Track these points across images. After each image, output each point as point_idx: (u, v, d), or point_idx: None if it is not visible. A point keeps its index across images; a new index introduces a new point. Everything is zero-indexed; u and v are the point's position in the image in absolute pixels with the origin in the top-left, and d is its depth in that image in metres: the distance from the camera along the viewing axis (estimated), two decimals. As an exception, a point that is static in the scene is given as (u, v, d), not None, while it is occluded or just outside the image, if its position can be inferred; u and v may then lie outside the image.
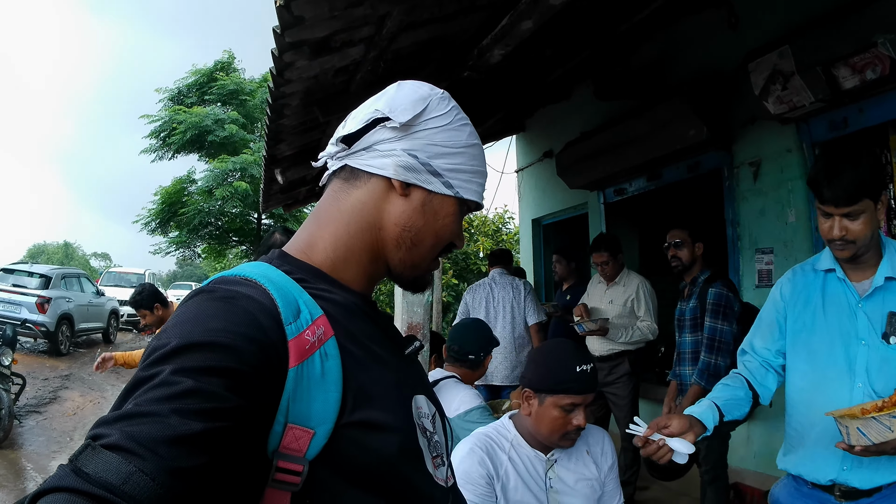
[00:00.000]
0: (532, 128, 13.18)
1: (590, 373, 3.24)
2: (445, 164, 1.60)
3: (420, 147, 1.58)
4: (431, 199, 1.62)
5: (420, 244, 1.63)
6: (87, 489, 1.00)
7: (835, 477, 3.24)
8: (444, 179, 1.60)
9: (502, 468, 3.21)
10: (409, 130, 1.57)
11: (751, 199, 7.48)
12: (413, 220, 1.61)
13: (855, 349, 3.26)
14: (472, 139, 1.66)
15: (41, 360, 19.56)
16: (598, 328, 7.48)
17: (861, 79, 5.50)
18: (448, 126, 1.60)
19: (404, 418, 1.51)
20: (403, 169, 1.57)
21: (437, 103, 1.61)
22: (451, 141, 1.60)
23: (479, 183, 1.69)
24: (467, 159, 1.64)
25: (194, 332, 1.25)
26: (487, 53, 4.84)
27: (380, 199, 1.61)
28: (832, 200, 3.10)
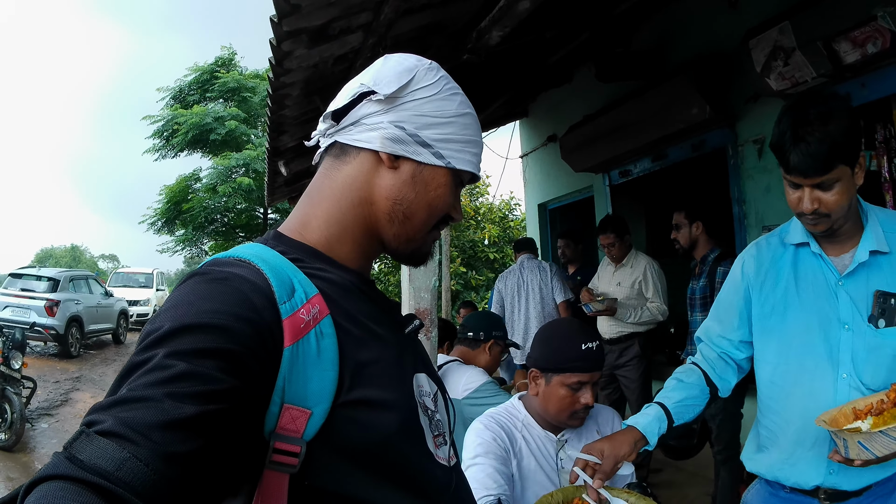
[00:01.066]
0: (535, 113, 13.15)
1: (596, 350, 3.21)
2: (434, 135, 1.58)
3: (407, 118, 1.56)
4: (421, 171, 1.60)
5: (412, 217, 1.62)
6: (81, 476, 1.00)
7: (821, 482, 2.87)
8: (433, 150, 1.58)
9: (517, 445, 3.21)
10: (394, 102, 1.57)
11: (756, 176, 7.45)
12: (403, 192, 1.59)
13: (837, 335, 2.83)
14: (463, 108, 1.63)
15: (52, 363, 19.61)
16: (605, 308, 7.48)
17: (862, 53, 5.47)
18: (436, 96, 1.58)
19: (404, 396, 1.51)
20: (391, 141, 1.56)
21: (424, 74, 1.60)
22: (440, 111, 1.58)
23: (473, 153, 1.67)
24: (458, 129, 1.61)
25: (187, 314, 1.25)
26: (486, 35, 4.82)
27: (369, 174, 1.60)
28: (800, 169, 2.65)
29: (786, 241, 3.07)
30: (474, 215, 26.12)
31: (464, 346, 5.16)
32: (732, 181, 7.82)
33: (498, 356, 5.15)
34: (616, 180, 10.43)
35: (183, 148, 29.72)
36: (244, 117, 29.87)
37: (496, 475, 2.93)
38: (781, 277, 3.01)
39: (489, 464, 2.98)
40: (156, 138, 30.24)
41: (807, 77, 5.97)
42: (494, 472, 2.94)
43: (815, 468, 2.85)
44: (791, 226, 3.06)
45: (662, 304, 7.53)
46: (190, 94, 30.87)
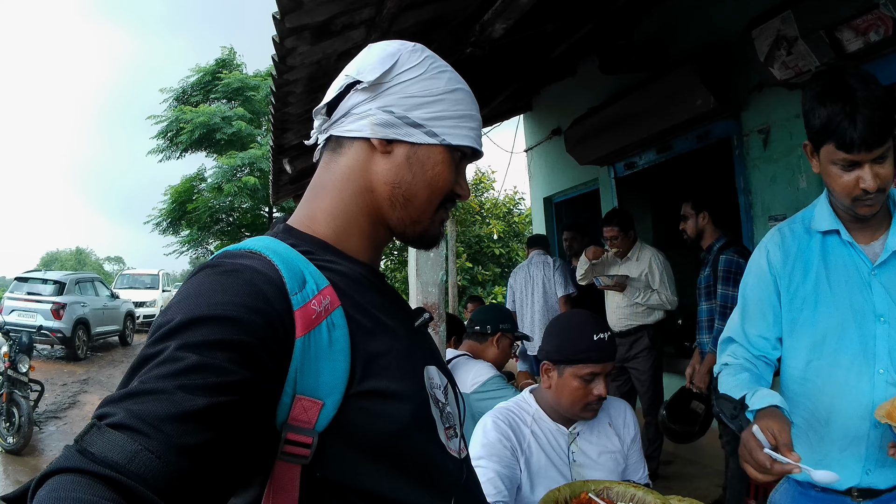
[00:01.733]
0: (539, 106, 13.13)
1: (607, 341, 3.21)
2: (425, 114, 1.58)
3: (395, 102, 1.57)
4: (416, 152, 1.60)
5: (414, 199, 1.62)
6: (92, 469, 1.00)
7: (857, 482, 2.71)
8: (425, 129, 1.58)
9: (525, 442, 3.19)
10: (380, 88, 1.57)
11: (761, 166, 7.44)
12: (400, 175, 1.60)
13: (872, 328, 2.64)
14: (453, 85, 1.64)
15: (59, 366, 19.66)
16: (614, 283, 7.50)
17: (865, 41, 5.46)
18: (423, 76, 1.59)
19: (416, 387, 1.51)
20: (381, 126, 1.57)
21: (409, 56, 1.61)
22: (428, 90, 1.59)
23: (470, 127, 1.66)
24: (449, 105, 1.61)
25: (198, 306, 1.25)
26: (489, 28, 4.82)
27: (365, 162, 1.61)
28: (867, 142, 2.37)
29: (812, 227, 2.86)
30: (479, 210, 26.11)
31: (472, 340, 5.17)
32: (738, 171, 7.80)
33: (507, 348, 5.15)
34: (621, 172, 10.40)
35: (187, 147, 29.77)
36: (249, 117, 29.91)
37: (497, 480, 2.93)
38: (811, 268, 2.81)
39: (491, 468, 2.98)
40: (160, 139, 30.30)
41: (810, 66, 5.95)
42: (496, 478, 2.94)
43: (851, 469, 2.70)
44: (816, 212, 2.85)
45: (670, 293, 7.54)
46: (193, 95, 30.92)
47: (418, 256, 5.24)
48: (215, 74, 30.59)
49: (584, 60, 10.65)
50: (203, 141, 29.14)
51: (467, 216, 25.26)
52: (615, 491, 2.58)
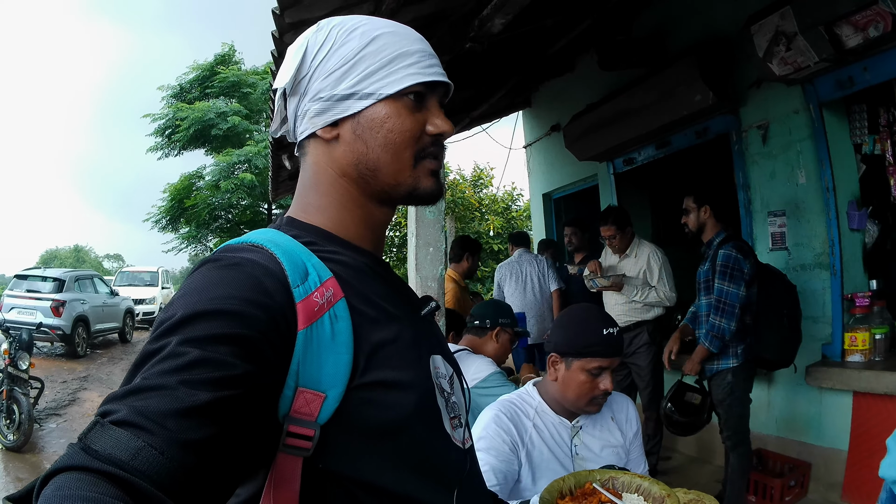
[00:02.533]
0: (538, 102, 13.11)
1: (616, 335, 3.24)
2: (352, 81, 1.54)
3: (319, 87, 1.56)
4: (359, 120, 1.56)
5: (379, 166, 1.57)
6: (96, 466, 1.00)
7: None
8: (357, 95, 1.54)
9: (527, 435, 3.19)
10: (302, 84, 1.58)
11: (760, 161, 7.46)
12: (357, 150, 1.57)
13: None
14: (369, 36, 1.57)
15: (59, 364, 19.60)
16: (611, 284, 7.51)
17: (864, 37, 5.46)
18: (334, 47, 1.56)
19: (421, 377, 1.51)
20: (318, 116, 1.57)
21: (315, 37, 1.59)
22: (343, 57, 1.55)
23: (405, 65, 1.56)
24: (371, 58, 1.55)
25: (200, 301, 1.25)
26: (488, 23, 4.81)
27: (324, 154, 1.61)
28: None
29: None
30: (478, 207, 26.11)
31: (471, 334, 5.18)
32: (737, 167, 7.82)
33: (507, 343, 5.16)
34: (620, 168, 10.41)
35: (185, 144, 29.72)
36: (246, 113, 29.87)
37: (490, 474, 2.93)
38: None
39: (487, 461, 2.98)
40: (158, 136, 30.25)
41: (809, 62, 5.97)
42: (489, 471, 2.94)
43: None
44: None
45: (669, 290, 7.54)
46: (191, 92, 30.86)
47: (417, 251, 5.26)
48: (213, 70, 30.57)
49: (583, 56, 10.65)
50: (199, 137, 29.08)
51: (466, 212, 25.26)
52: (620, 481, 2.56)
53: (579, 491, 2.51)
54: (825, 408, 6.67)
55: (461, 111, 9.85)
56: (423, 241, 5.30)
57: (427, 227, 5.32)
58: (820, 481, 6.67)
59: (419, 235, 5.29)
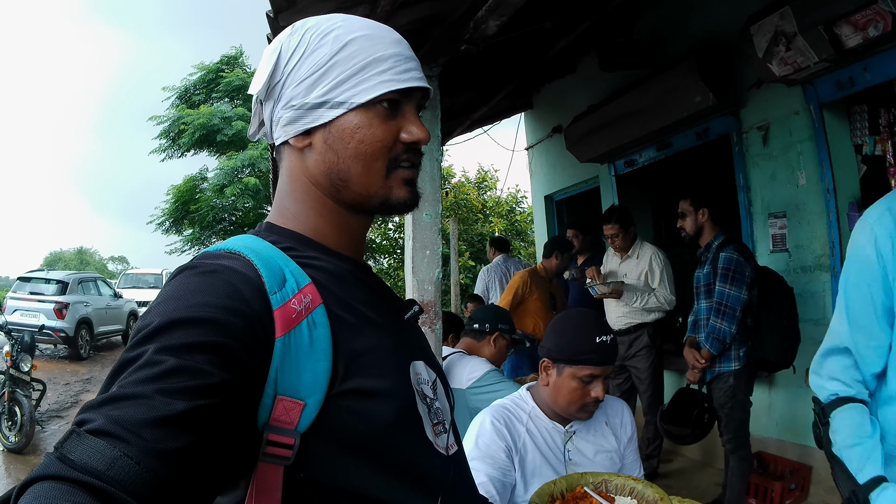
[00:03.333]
0: (539, 104, 13.13)
1: (609, 343, 3.19)
2: (323, 89, 1.51)
3: (291, 94, 1.53)
4: (330, 131, 1.53)
5: (350, 176, 1.54)
6: (72, 476, 0.99)
7: None
8: (329, 104, 1.51)
9: (520, 440, 3.17)
10: (275, 91, 1.56)
11: (761, 163, 7.44)
12: (328, 161, 1.54)
13: None
14: (341, 41, 1.53)
15: (62, 366, 19.70)
16: (610, 291, 7.50)
17: (864, 36, 5.44)
18: (306, 53, 1.53)
19: (401, 384, 1.49)
20: (290, 125, 1.55)
21: (288, 41, 1.56)
22: (316, 63, 1.52)
23: (377, 72, 1.52)
24: (343, 65, 1.51)
25: (177, 308, 1.23)
26: (483, 25, 4.79)
27: (297, 162, 1.59)
28: None
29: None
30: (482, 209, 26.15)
31: (469, 337, 5.21)
32: (737, 168, 7.81)
33: (504, 349, 5.18)
34: (621, 170, 10.42)
35: (189, 148, 29.68)
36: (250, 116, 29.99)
37: (488, 485, 2.93)
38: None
39: (483, 471, 2.98)
40: (162, 139, 30.25)
41: (809, 62, 5.95)
42: (487, 482, 2.93)
43: None
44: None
45: (669, 293, 7.53)
46: (196, 94, 30.86)
47: (414, 254, 5.25)
48: (219, 72, 30.60)
49: (584, 58, 10.69)
50: (204, 141, 29.11)
51: (469, 215, 25.31)
52: (614, 484, 2.55)
53: (570, 495, 2.49)
54: (826, 411, 6.58)
55: (462, 113, 9.86)
56: (419, 245, 5.29)
57: (424, 230, 5.30)
58: (821, 485, 6.65)
59: (416, 239, 5.28)
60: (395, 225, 26.59)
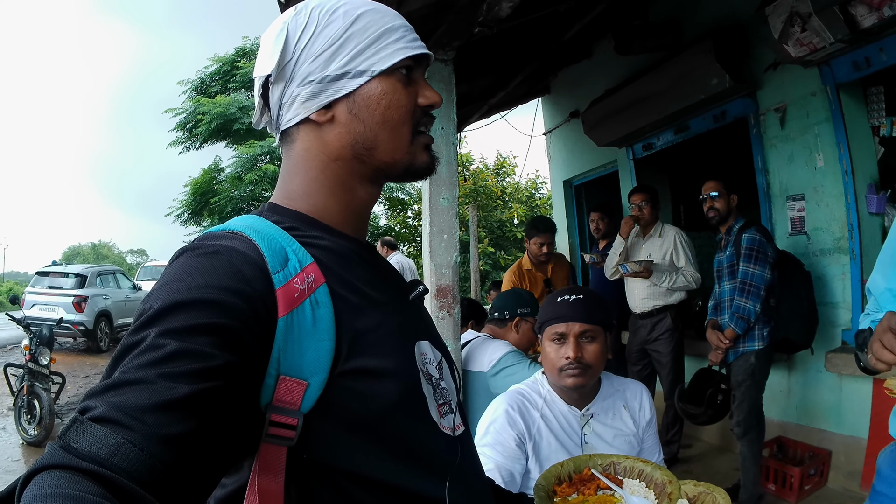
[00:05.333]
0: (557, 89, 13.07)
1: (572, 301, 3.20)
2: (342, 61, 1.52)
3: (308, 70, 1.53)
4: (355, 100, 1.54)
5: (377, 144, 1.56)
6: (76, 464, 0.99)
7: None
8: (350, 74, 1.53)
9: (534, 426, 3.16)
10: (287, 69, 1.55)
11: (779, 145, 7.40)
12: (353, 131, 1.55)
13: None
14: (352, 15, 1.55)
15: (82, 359, 19.69)
16: (642, 269, 7.46)
17: (879, 16, 5.38)
18: (318, 29, 1.53)
19: (405, 364, 1.49)
20: (310, 100, 1.54)
21: (295, 21, 1.56)
22: (331, 37, 1.53)
23: (392, 41, 1.56)
24: (359, 36, 1.54)
25: (178, 291, 1.23)
26: (496, 7, 4.78)
27: (315, 139, 1.58)
28: None
29: None
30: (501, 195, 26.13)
31: (492, 325, 5.20)
32: (755, 151, 7.76)
33: (528, 332, 5.15)
34: (639, 154, 10.37)
35: (207, 138, 29.68)
36: (267, 106, 29.92)
37: (495, 472, 2.91)
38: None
39: (493, 458, 2.99)
40: (179, 130, 30.28)
41: (825, 42, 5.91)
42: (494, 469, 2.93)
43: None
44: None
45: (695, 271, 7.52)
46: (212, 86, 30.88)
47: (431, 238, 5.25)
48: (234, 64, 30.59)
49: (600, 42, 10.63)
50: (221, 131, 29.12)
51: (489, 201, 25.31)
52: (622, 466, 2.52)
53: (577, 476, 2.47)
54: (845, 395, 6.62)
55: (479, 99, 9.85)
56: (437, 229, 5.29)
57: (441, 214, 5.31)
58: (840, 470, 6.63)
59: (433, 223, 5.28)
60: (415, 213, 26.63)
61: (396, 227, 26.89)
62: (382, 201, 27.04)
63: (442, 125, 5.25)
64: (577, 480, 2.43)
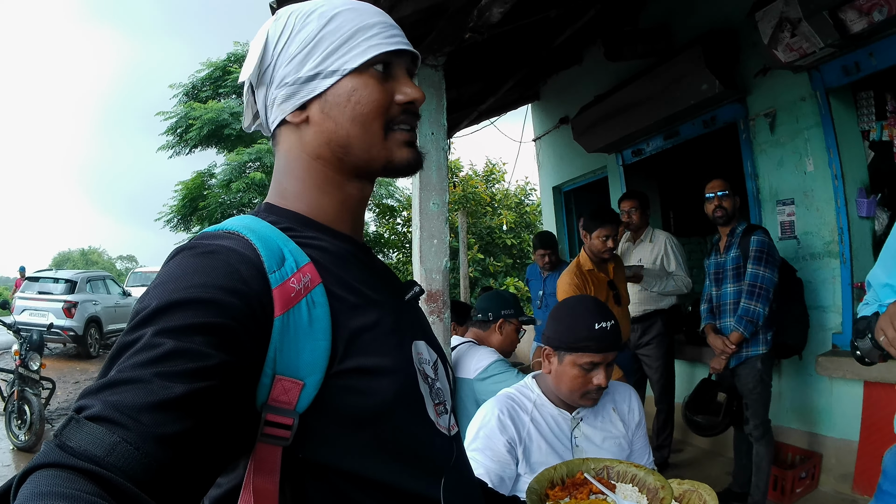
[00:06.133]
0: (546, 95, 13.10)
1: (609, 330, 3.14)
2: (315, 62, 1.53)
3: (284, 73, 1.55)
4: (326, 99, 1.54)
5: (350, 141, 1.55)
6: (72, 463, 0.98)
7: None
8: (322, 74, 1.53)
9: (525, 430, 3.15)
10: (267, 74, 1.58)
11: (768, 150, 7.43)
12: (327, 130, 1.55)
13: None
14: (327, 16, 1.56)
15: (72, 364, 19.69)
16: (631, 275, 7.44)
17: (868, 21, 5.40)
18: (293, 33, 1.55)
19: (402, 362, 1.49)
20: (285, 102, 1.56)
21: (275, 26, 1.57)
22: (304, 40, 1.54)
23: (366, 38, 1.55)
24: (331, 36, 1.54)
25: (175, 290, 1.23)
26: (487, 13, 4.80)
27: (295, 140, 1.59)
28: None
29: None
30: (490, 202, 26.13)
31: (475, 328, 5.19)
32: (745, 156, 7.79)
33: (512, 334, 5.16)
34: (629, 159, 10.39)
35: (197, 144, 29.68)
36: (258, 112, 29.94)
37: (484, 476, 2.91)
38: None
39: (482, 463, 2.99)
40: (169, 135, 30.27)
41: (814, 48, 5.93)
42: (484, 474, 2.93)
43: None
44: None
45: (686, 275, 7.54)
46: (203, 91, 30.88)
47: (421, 244, 5.26)
48: (226, 69, 30.59)
49: (590, 48, 10.66)
50: (212, 137, 29.12)
51: (478, 207, 25.28)
52: (615, 470, 2.52)
53: (570, 480, 2.46)
54: (836, 398, 6.64)
55: (469, 105, 9.84)
56: (427, 234, 5.30)
57: (431, 219, 5.31)
58: (831, 473, 6.63)
59: (423, 228, 5.29)
60: (404, 220, 26.61)
61: (386, 234, 26.86)
62: (372, 208, 27.00)
63: (432, 130, 5.26)
64: (569, 484, 2.43)
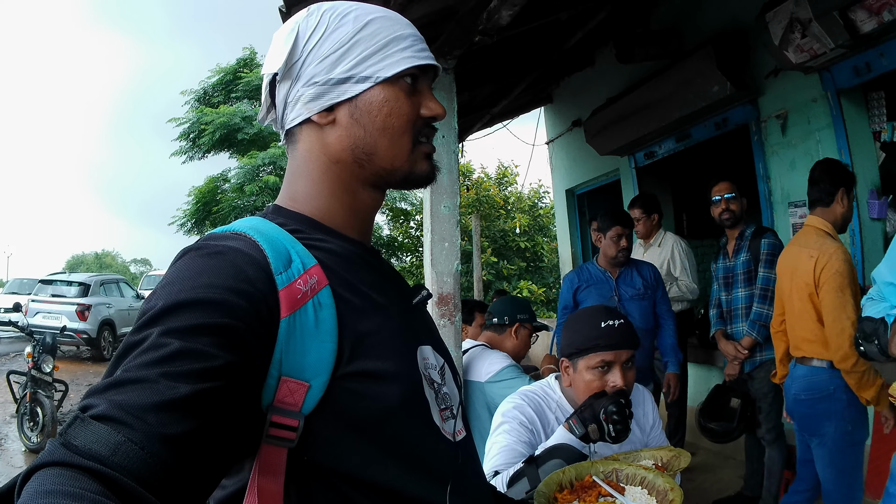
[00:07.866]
0: (559, 98, 13.10)
1: (618, 327, 3.07)
2: (348, 65, 1.52)
3: (314, 71, 1.53)
4: (357, 105, 1.53)
5: (376, 150, 1.55)
6: (77, 462, 0.98)
7: None
8: (355, 79, 1.52)
9: (549, 427, 3.12)
10: (295, 68, 1.56)
11: (780, 152, 7.40)
12: (353, 135, 1.54)
13: None
14: (362, 20, 1.55)
15: (85, 367, 19.73)
16: None
17: (879, 21, 5.39)
18: (327, 32, 1.53)
19: (407, 367, 1.48)
20: (313, 101, 1.54)
21: (306, 22, 1.56)
22: (339, 41, 1.53)
23: (400, 49, 1.56)
24: (367, 41, 1.54)
25: (182, 290, 1.23)
26: (496, 16, 4.78)
27: (317, 140, 1.58)
28: None
29: None
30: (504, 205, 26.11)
31: (490, 331, 5.18)
32: (757, 158, 7.77)
33: (526, 338, 5.14)
34: (641, 162, 10.38)
35: (210, 148, 29.70)
36: (271, 116, 29.93)
37: (506, 452, 2.89)
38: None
39: (505, 441, 2.96)
40: (182, 140, 30.34)
41: (825, 48, 5.92)
42: (505, 449, 2.90)
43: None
44: None
45: (691, 282, 7.48)
46: (214, 96, 30.93)
47: (433, 246, 5.25)
48: (236, 74, 30.62)
49: (602, 50, 10.66)
50: (225, 141, 29.14)
51: (492, 211, 25.27)
52: (625, 473, 2.50)
53: (578, 484, 2.45)
54: (847, 400, 6.56)
55: (481, 108, 9.85)
56: (438, 237, 5.29)
57: (442, 222, 5.30)
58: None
59: (434, 231, 5.28)
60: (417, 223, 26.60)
61: (399, 237, 26.86)
62: (385, 211, 26.98)
63: (443, 134, 5.25)
64: (578, 487, 2.41)
